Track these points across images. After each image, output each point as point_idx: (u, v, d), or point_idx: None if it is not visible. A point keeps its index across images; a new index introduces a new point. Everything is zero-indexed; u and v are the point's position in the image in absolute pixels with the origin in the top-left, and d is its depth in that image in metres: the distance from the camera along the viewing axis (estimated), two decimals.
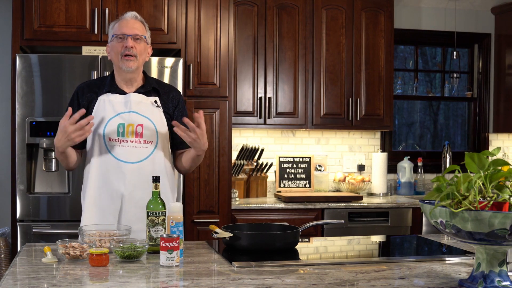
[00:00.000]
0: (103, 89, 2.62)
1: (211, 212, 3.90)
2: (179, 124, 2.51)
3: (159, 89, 2.68)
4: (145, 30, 2.65)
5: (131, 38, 2.56)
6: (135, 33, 2.58)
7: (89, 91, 2.64)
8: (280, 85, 4.38)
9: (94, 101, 2.61)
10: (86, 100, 2.63)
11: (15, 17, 3.67)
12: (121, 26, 2.59)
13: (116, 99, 2.60)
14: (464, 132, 5.38)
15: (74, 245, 2.18)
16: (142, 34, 2.61)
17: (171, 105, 2.69)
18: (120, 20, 2.63)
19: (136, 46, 2.57)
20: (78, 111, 2.47)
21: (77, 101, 2.64)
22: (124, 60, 2.56)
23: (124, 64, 2.57)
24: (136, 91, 2.63)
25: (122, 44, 2.57)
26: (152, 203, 2.28)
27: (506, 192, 1.71)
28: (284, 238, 2.35)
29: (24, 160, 3.60)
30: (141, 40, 2.60)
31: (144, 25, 2.65)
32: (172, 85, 2.82)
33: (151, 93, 2.66)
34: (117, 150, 2.57)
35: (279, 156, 4.64)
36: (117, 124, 2.57)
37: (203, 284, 1.83)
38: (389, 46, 4.56)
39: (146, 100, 2.63)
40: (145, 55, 2.65)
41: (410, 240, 2.93)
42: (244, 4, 4.32)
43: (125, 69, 2.58)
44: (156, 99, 2.64)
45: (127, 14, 2.64)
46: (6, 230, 4.01)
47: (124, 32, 2.57)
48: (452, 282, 1.89)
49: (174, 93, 2.72)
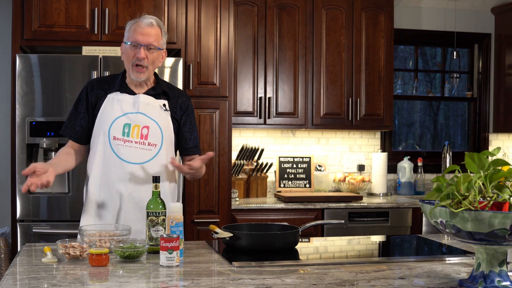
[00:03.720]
0: (113, 87, 2.63)
1: (211, 212, 3.90)
2: (175, 160, 2.56)
3: (169, 93, 2.68)
4: (161, 36, 2.60)
5: (144, 49, 2.54)
6: (148, 43, 2.54)
7: (99, 88, 2.64)
8: (280, 85, 4.38)
9: (103, 98, 2.62)
10: (94, 97, 2.64)
11: (15, 17, 3.67)
12: (136, 33, 2.55)
13: (125, 99, 2.60)
14: (464, 132, 5.38)
15: (74, 245, 2.18)
16: (156, 44, 2.57)
17: (180, 110, 2.69)
18: (136, 22, 2.58)
19: (149, 56, 2.55)
20: (82, 110, 2.61)
21: (86, 97, 2.65)
22: (134, 71, 2.56)
23: (134, 74, 2.57)
24: (146, 92, 2.63)
25: (134, 52, 2.55)
26: (152, 203, 2.28)
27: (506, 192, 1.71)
28: (284, 238, 2.35)
29: (24, 160, 3.60)
30: (154, 49, 2.57)
31: (161, 30, 2.60)
32: (182, 90, 2.82)
33: (161, 96, 2.65)
34: (121, 149, 2.57)
35: (279, 156, 4.64)
36: (123, 123, 2.57)
37: (203, 284, 1.83)
38: (389, 46, 4.56)
39: (155, 102, 2.62)
40: (158, 62, 2.62)
41: (410, 240, 2.93)
42: (244, 4, 4.32)
43: (135, 78, 2.58)
44: (165, 103, 2.64)
45: (145, 19, 2.58)
46: (6, 230, 4.01)
47: (137, 41, 2.54)
48: (452, 282, 1.89)
49: (184, 98, 2.72)
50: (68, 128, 2.67)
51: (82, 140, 2.67)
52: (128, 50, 2.57)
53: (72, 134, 2.66)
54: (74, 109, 2.67)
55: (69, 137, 2.67)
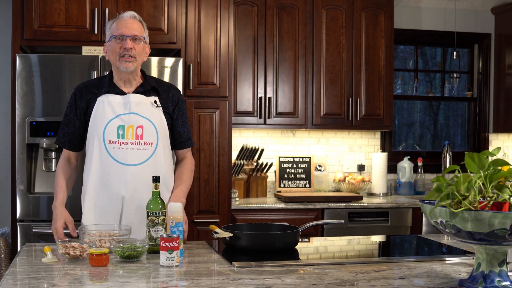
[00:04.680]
0: (102, 89, 2.61)
1: (211, 212, 3.90)
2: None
3: (158, 88, 2.67)
4: (144, 30, 2.62)
5: (130, 39, 2.54)
6: (134, 34, 2.56)
7: (88, 93, 2.63)
8: (280, 85, 4.38)
9: (93, 102, 2.60)
10: (84, 102, 2.62)
11: (15, 17, 3.67)
12: (119, 26, 2.56)
13: (116, 100, 2.59)
14: (464, 132, 5.38)
15: (74, 245, 2.18)
16: (141, 35, 2.58)
17: (171, 104, 2.68)
18: (118, 19, 2.60)
19: (135, 47, 2.56)
20: (72, 117, 2.63)
21: (75, 104, 2.63)
22: (123, 61, 2.54)
23: (122, 65, 2.55)
24: (135, 90, 2.62)
25: (120, 45, 2.54)
26: (152, 203, 2.28)
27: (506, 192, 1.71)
28: (284, 238, 2.35)
29: (24, 160, 3.60)
30: (140, 40, 2.58)
31: (142, 25, 2.62)
32: (171, 84, 2.80)
33: (151, 93, 2.64)
34: (117, 152, 2.56)
35: (279, 156, 4.64)
36: (117, 126, 2.56)
37: (203, 284, 1.83)
38: (389, 46, 4.56)
39: (145, 100, 2.61)
40: (144, 55, 2.63)
41: (410, 240, 2.93)
42: (244, 4, 4.32)
43: (124, 69, 2.56)
44: (156, 99, 2.63)
45: (125, 13, 2.61)
46: (6, 230, 4.01)
47: (122, 33, 2.55)
48: (452, 282, 1.89)
49: (174, 92, 2.71)
50: (61, 137, 2.67)
51: (76, 147, 2.68)
52: (113, 45, 2.56)
53: (66, 143, 2.66)
54: (65, 117, 2.66)
55: (64, 146, 2.67)
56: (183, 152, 2.75)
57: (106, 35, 2.63)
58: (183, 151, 2.75)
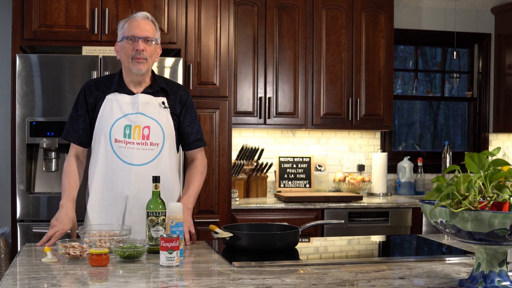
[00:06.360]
0: (111, 88, 2.61)
1: (211, 212, 3.90)
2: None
3: (167, 89, 2.66)
4: (156, 31, 2.61)
5: (142, 41, 2.54)
6: (146, 36, 2.55)
7: (96, 89, 2.62)
8: (280, 85, 4.38)
9: (102, 100, 2.60)
10: (93, 99, 2.61)
11: (15, 17, 3.67)
12: (132, 27, 2.55)
13: (124, 99, 2.59)
14: (464, 132, 5.38)
15: (74, 245, 2.18)
16: (153, 36, 2.57)
17: (179, 105, 2.67)
18: (130, 19, 2.59)
19: (147, 48, 2.55)
20: (82, 112, 2.59)
21: (84, 99, 2.62)
22: (135, 63, 2.54)
23: (134, 67, 2.55)
24: (144, 91, 2.61)
25: (132, 46, 2.54)
26: (152, 203, 2.28)
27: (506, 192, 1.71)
28: (284, 238, 2.35)
29: (24, 160, 3.60)
30: (152, 41, 2.57)
31: (154, 25, 2.61)
32: (180, 84, 2.79)
33: (159, 94, 2.64)
34: (123, 152, 2.56)
35: (279, 156, 4.64)
36: (124, 125, 2.56)
37: (203, 284, 1.83)
38: (389, 46, 4.56)
39: (154, 100, 2.61)
40: (155, 56, 2.62)
41: (410, 240, 2.93)
42: (244, 4, 4.32)
43: (136, 72, 2.55)
44: (164, 100, 2.63)
45: (138, 14, 2.60)
46: (6, 230, 4.01)
47: (135, 34, 2.54)
48: (452, 282, 1.89)
49: (182, 92, 2.70)
50: (71, 133, 2.64)
51: (86, 143, 2.65)
52: (125, 46, 2.56)
53: (76, 138, 2.63)
54: (74, 112, 2.64)
55: (73, 141, 2.64)
56: (193, 153, 2.75)
57: (118, 35, 2.62)
58: (193, 152, 2.75)
